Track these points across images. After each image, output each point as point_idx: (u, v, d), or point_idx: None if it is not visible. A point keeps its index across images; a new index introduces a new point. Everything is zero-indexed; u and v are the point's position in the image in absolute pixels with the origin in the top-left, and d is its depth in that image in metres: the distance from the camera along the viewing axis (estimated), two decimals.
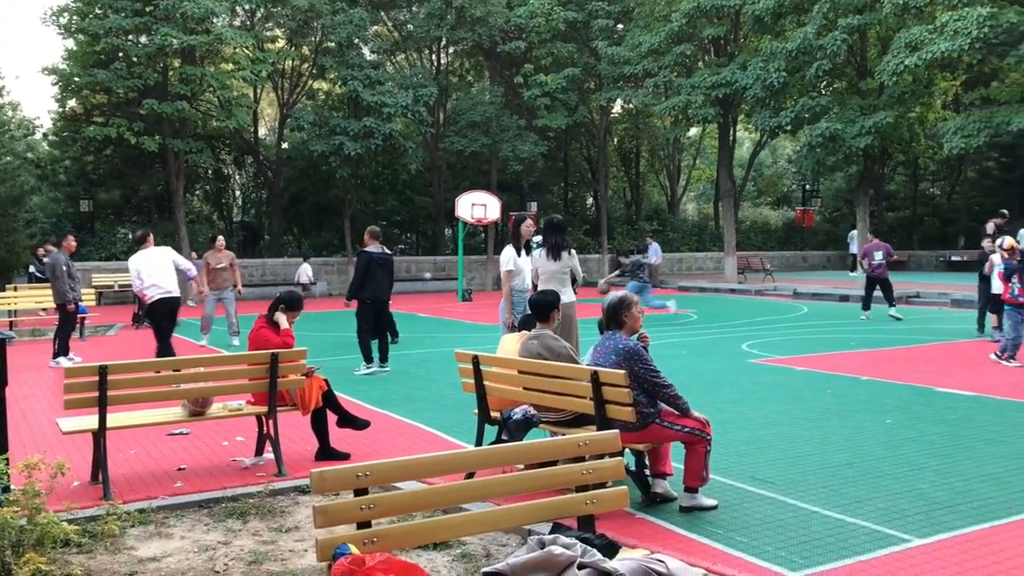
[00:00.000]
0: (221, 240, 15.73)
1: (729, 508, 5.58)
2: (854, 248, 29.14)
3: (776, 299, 24.31)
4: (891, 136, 26.43)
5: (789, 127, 27.20)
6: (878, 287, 17.64)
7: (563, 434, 5.78)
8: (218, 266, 15.08)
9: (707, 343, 14.56)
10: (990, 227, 15.86)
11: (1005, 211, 20.22)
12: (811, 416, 8.41)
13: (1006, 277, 11.75)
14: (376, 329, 11.81)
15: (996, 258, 13.14)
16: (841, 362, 12.05)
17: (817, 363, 11.96)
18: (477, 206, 26.12)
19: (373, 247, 11.75)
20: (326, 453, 7.08)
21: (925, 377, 10.59)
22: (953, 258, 35.18)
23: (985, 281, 14.47)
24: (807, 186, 44.99)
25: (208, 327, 14.99)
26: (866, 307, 17.84)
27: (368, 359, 11.62)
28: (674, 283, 30.42)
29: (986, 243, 14.97)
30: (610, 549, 3.54)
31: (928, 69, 22.42)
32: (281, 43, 31.20)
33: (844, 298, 22.68)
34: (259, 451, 7.17)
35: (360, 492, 3.33)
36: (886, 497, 5.76)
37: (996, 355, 11.78)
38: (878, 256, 17.47)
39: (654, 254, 30.44)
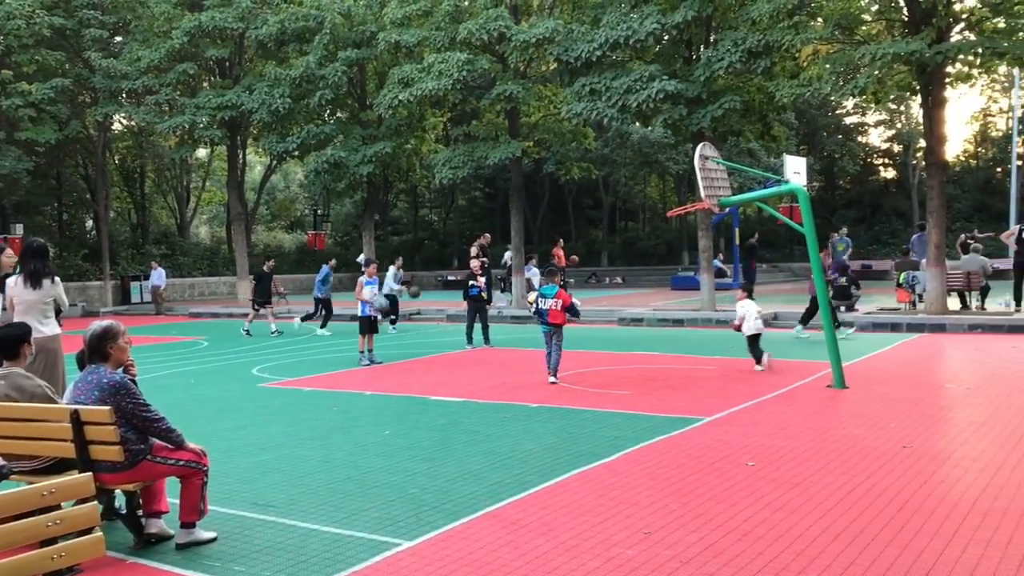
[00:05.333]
0: None
1: (229, 538, 5.45)
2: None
3: (290, 321, 24.53)
4: (391, 165, 28.36)
5: (296, 152, 27.81)
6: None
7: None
8: None
9: (217, 369, 14.19)
10: (474, 249, 17.77)
11: (488, 234, 22.79)
12: (316, 435, 8.60)
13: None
14: None
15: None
16: (347, 379, 12.54)
17: (325, 382, 12.31)
18: None
19: None
20: None
21: (422, 387, 11.46)
22: (449, 277, 38.70)
23: (475, 300, 16.18)
24: (319, 210, 46.32)
25: None
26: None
27: None
28: (185, 309, 29.17)
29: (475, 263, 16.74)
30: None
31: (419, 104, 24.43)
32: None
33: (355, 318, 23.62)
34: None
35: None
36: (381, 505, 6.08)
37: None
38: None
39: (158, 279, 29.00)
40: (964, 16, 17.69)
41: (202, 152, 41.47)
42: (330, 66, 25.58)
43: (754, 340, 12.33)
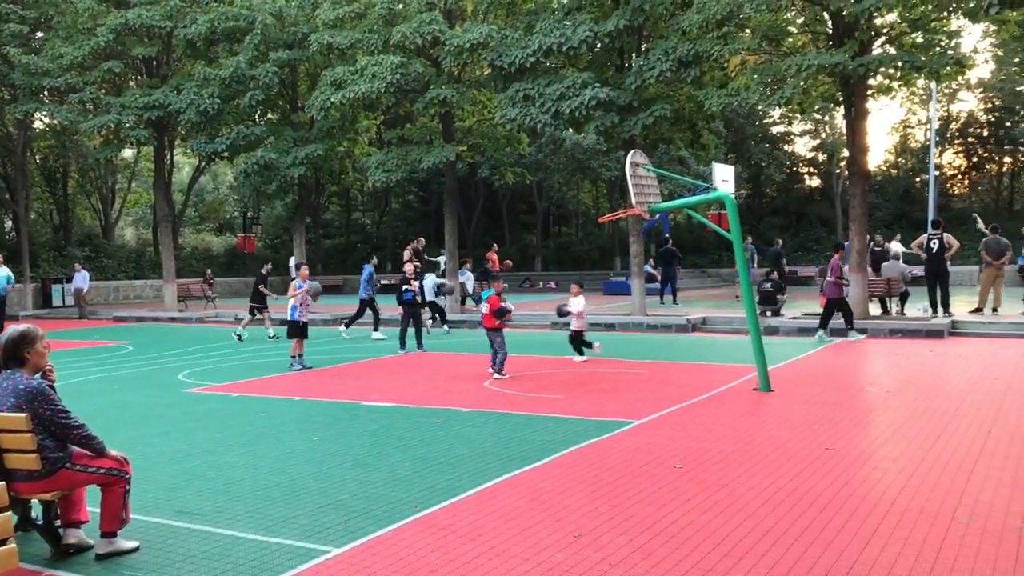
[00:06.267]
0: None
1: (152, 548, 5.32)
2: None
3: (218, 326, 24.10)
4: (323, 167, 28.03)
5: (226, 153, 27.29)
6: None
7: None
8: None
9: (142, 375, 13.84)
10: (407, 253, 17.68)
11: (422, 238, 22.71)
12: (244, 441, 8.46)
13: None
14: None
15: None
16: (276, 385, 12.35)
17: (253, 388, 12.11)
18: None
19: None
20: None
21: (353, 392, 11.35)
22: (383, 281, 38.32)
23: (409, 304, 16.17)
24: (248, 213, 45.49)
25: None
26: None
27: None
28: (109, 313, 28.39)
29: (408, 267, 16.72)
30: None
31: (352, 107, 24.20)
32: None
33: (284, 322, 23.30)
34: None
35: None
36: (310, 512, 6.00)
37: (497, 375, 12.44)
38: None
39: (81, 282, 28.20)
40: (885, 31, 18.26)
41: (128, 152, 40.41)
42: (261, 67, 25.19)
43: (580, 334, 13.97)
